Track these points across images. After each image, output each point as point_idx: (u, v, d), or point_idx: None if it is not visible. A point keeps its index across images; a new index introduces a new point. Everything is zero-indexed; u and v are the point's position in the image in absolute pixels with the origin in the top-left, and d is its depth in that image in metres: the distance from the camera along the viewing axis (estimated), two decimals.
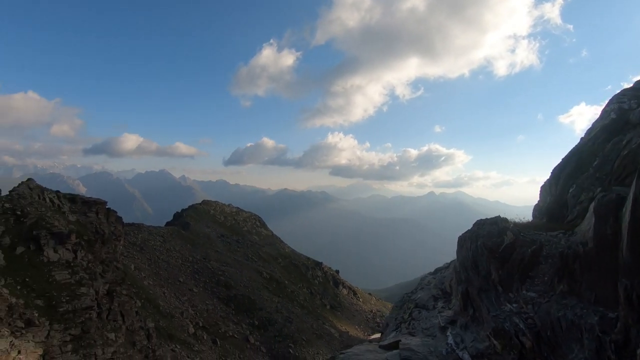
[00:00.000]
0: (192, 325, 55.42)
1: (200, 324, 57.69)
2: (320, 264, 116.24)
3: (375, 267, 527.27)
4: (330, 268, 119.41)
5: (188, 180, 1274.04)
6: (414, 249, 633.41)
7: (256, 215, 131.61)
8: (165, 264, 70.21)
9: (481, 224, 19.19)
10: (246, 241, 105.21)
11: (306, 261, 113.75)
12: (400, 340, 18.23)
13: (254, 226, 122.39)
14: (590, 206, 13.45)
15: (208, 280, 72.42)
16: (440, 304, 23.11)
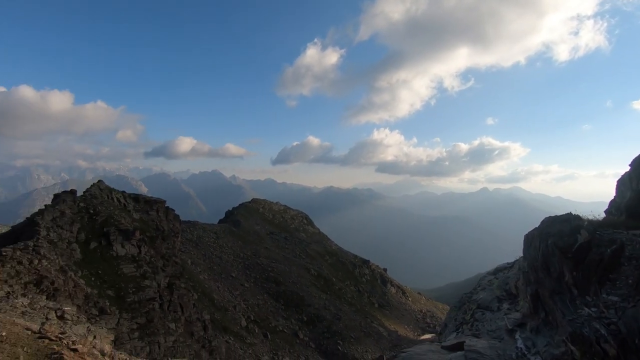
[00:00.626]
0: (245, 319, 57.66)
1: (252, 318, 59.84)
2: (368, 261, 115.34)
3: (424, 266, 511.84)
4: (377, 266, 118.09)
5: (238, 180, 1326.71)
6: (465, 248, 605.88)
7: (303, 212, 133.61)
8: (218, 260, 73.70)
9: (550, 221, 17.73)
10: (294, 238, 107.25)
11: (353, 259, 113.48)
12: (464, 341, 17.59)
13: (301, 224, 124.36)
14: None
15: (258, 276, 74.90)
16: (505, 305, 21.94)
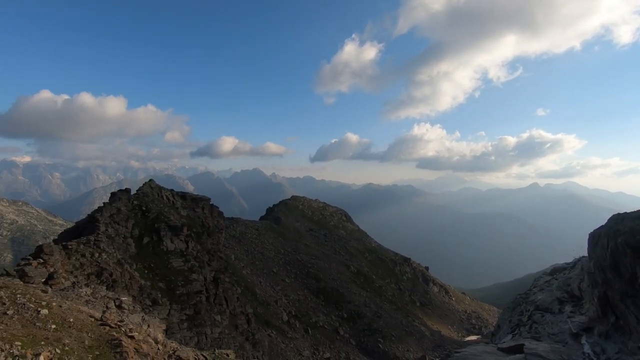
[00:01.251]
0: (286, 314, 58.89)
1: (293, 313, 60.97)
2: (409, 259, 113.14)
3: (468, 265, 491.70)
4: (419, 264, 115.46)
5: (278, 177, 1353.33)
6: (512, 247, 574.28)
7: (342, 210, 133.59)
8: (260, 255, 75.77)
9: (620, 218, 16.23)
10: (333, 235, 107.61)
11: (393, 256, 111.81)
12: (523, 344, 16.81)
13: (340, 221, 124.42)
14: None
15: (299, 272, 76.07)
16: (567, 308, 20.64)
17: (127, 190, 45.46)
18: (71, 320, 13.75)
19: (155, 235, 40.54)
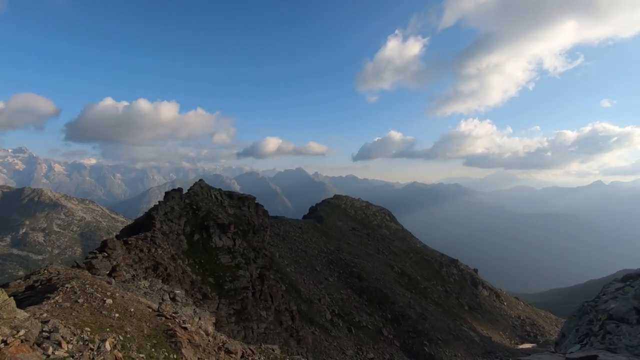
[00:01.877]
0: (329, 312, 59.22)
1: (336, 312, 61.17)
2: (456, 261, 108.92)
3: (521, 269, 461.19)
4: (467, 266, 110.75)
5: (320, 177, 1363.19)
6: (571, 250, 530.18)
7: (385, 209, 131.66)
8: (303, 254, 76.83)
9: None
10: (376, 235, 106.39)
11: (440, 257, 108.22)
12: (596, 355, 15.67)
13: (384, 220, 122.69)
14: None
15: (342, 271, 76.14)
16: None
17: (180, 190, 48.24)
18: (132, 310, 14.90)
19: (205, 232, 42.63)
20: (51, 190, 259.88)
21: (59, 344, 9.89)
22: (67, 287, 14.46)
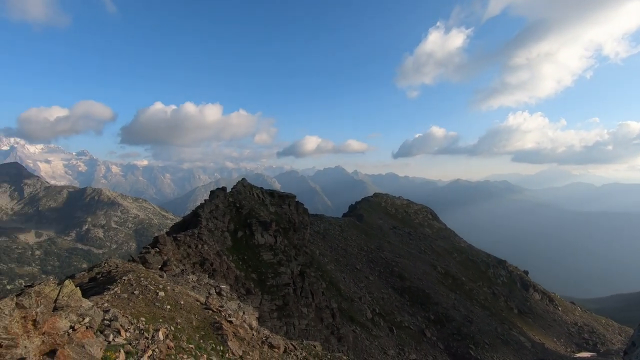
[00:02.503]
0: (370, 311, 58.77)
1: (377, 311, 60.56)
2: (504, 262, 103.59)
3: (577, 272, 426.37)
4: (516, 268, 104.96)
5: (360, 175, 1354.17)
6: (636, 252, 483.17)
7: (427, 207, 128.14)
8: (343, 252, 76.82)
9: None
10: (418, 233, 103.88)
11: (486, 258, 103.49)
12: None
13: (426, 219, 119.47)
14: None
15: (382, 270, 75.21)
16: None
17: (224, 189, 50.12)
18: (182, 302, 15.75)
19: (248, 229, 43.99)
20: (109, 190, 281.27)
21: (118, 332, 10.71)
22: (125, 280, 15.59)
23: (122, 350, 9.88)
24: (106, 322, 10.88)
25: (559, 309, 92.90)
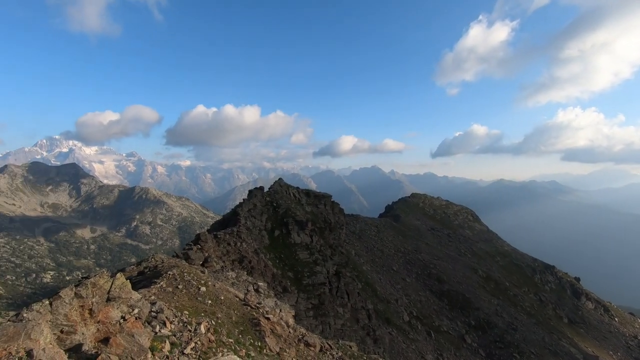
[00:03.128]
0: (407, 314, 57.61)
1: (414, 314, 59.23)
2: (552, 267, 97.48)
3: (634, 280, 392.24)
4: (566, 274, 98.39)
5: (396, 174, 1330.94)
6: None
7: (468, 208, 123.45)
8: (379, 253, 75.89)
9: None
10: (458, 235, 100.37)
11: (532, 262, 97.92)
12: None
13: (466, 220, 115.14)
14: None
15: (420, 272, 73.44)
16: None
17: (261, 189, 51.28)
18: (222, 298, 16.33)
19: (285, 228, 44.69)
20: (155, 189, 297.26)
21: (164, 324, 11.32)
22: (170, 274, 16.43)
23: (168, 341, 10.44)
24: (153, 314, 11.54)
25: (616, 319, 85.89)
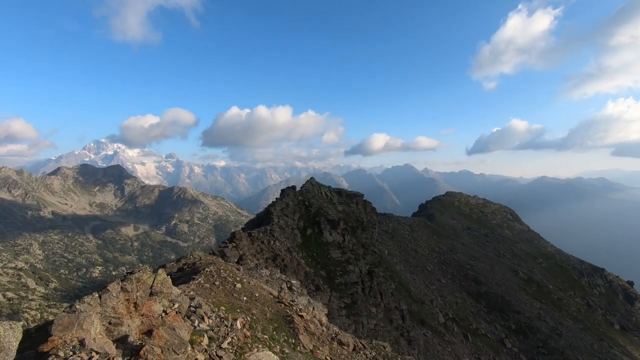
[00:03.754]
0: (442, 315, 56.15)
1: (450, 316, 57.61)
2: (602, 270, 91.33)
3: None
4: (617, 277, 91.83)
5: (430, 173, 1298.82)
6: None
7: (507, 207, 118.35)
8: (413, 252, 74.46)
9: None
10: (496, 235, 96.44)
11: (579, 265, 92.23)
12: None
13: (505, 219, 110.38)
14: None
15: (456, 273, 71.31)
16: None
17: (293, 188, 51.84)
18: (257, 295, 16.70)
19: (317, 227, 44.94)
20: (192, 189, 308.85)
21: (202, 319, 11.75)
22: (207, 271, 17.02)
23: (206, 335, 10.83)
24: (192, 309, 12.02)
25: None
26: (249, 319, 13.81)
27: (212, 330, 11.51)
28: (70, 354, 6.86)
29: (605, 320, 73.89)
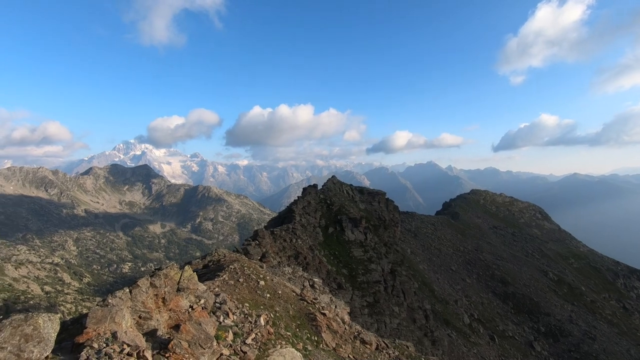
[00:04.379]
0: (467, 316, 54.95)
1: (475, 316, 56.31)
2: (639, 272, 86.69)
3: None
4: None
5: (454, 170, 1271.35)
6: None
7: (536, 205, 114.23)
8: (437, 251, 73.16)
9: None
10: (524, 235, 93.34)
11: (614, 266, 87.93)
12: None
13: (534, 218, 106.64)
14: None
15: (482, 273, 69.57)
16: None
17: (315, 186, 51.99)
18: (279, 292, 16.90)
19: (338, 225, 44.92)
20: (216, 188, 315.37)
21: (227, 315, 12.01)
22: (231, 268, 17.37)
23: (231, 331, 11.07)
24: (217, 305, 12.31)
25: None
26: (272, 316, 14.00)
27: (237, 326, 11.75)
28: (104, 345, 7.20)
29: None
